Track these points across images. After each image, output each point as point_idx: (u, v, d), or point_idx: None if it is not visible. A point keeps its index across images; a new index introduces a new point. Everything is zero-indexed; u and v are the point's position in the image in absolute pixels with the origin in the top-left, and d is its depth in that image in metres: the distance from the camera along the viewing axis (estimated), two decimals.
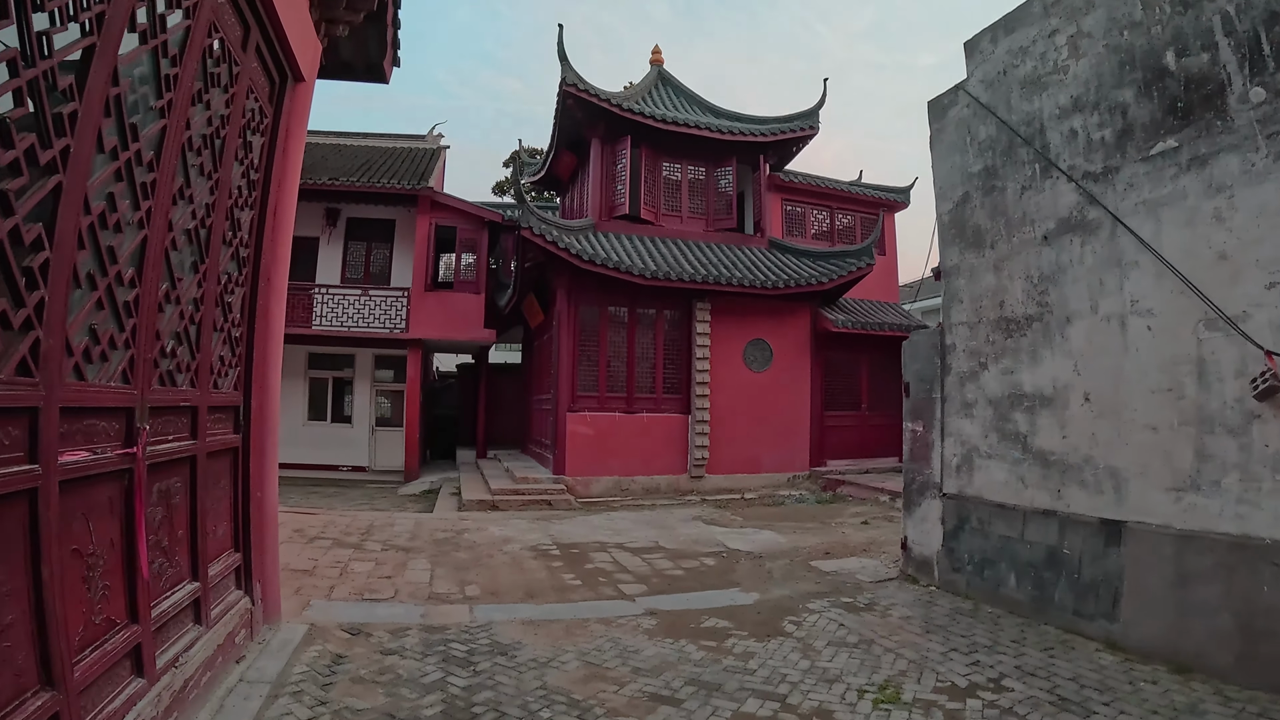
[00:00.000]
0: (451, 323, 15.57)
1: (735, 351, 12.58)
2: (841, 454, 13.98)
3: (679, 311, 12.31)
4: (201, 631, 3.65)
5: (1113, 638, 4.65)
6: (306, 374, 17.57)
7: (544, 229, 10.58)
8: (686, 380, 12.20)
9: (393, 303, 15.98)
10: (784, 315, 13.12)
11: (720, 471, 12.19)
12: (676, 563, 6.79)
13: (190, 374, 3.49)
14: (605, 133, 13.14)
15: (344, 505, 11.69)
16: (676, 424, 12.03)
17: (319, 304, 16.21)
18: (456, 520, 9.04)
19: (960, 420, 6.03)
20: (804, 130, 14.54)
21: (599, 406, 11.60)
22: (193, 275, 3.46)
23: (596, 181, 12.97)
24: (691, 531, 8.53)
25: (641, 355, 12.07)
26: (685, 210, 13.74)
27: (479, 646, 4.29)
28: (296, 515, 9.22)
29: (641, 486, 11.59)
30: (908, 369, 6.57)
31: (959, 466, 6.02)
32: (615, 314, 11.97)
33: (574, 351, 11.56)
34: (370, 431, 17.45)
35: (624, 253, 11.87)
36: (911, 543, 6.46)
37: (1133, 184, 4.89)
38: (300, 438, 17.08)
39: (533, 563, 6.68)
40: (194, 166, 3.30)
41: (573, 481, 11.13)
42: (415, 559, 6.74)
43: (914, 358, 6.50)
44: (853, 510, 10.53)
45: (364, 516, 9.26)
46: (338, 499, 12.57)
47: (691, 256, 12.58)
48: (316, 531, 7.96)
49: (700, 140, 13.60)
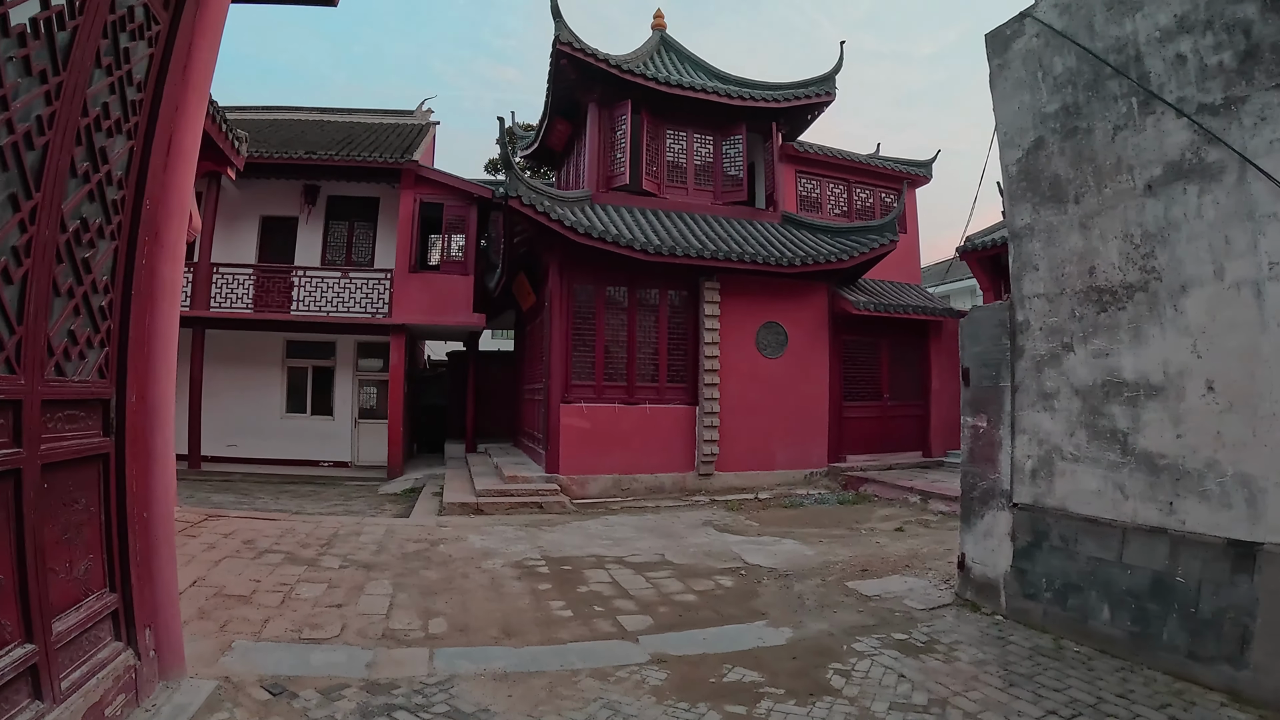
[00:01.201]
0: (438, 307, 14.52)
1: (747, 336, 11.53)
2: (861, 448, 12.97)
3: (685, 291, 11.25)
4: (44, 709, 2.65)
5: (1238, 687, 3.68)
6: (285, 363, 16.60)
7: (534, 198, 9.52)
8: (693, 367, 11.16)
9: (374, 286, 14.93)
10: (799, 296, 12.07)
11: (731, 468, 11.17)
12: (687, 584, 5.78)
13: (4, 354, 2.46)
14: (602, 97, 12.05)
15: (315, 507, 10.71)
16: (682, 416, 11.00)
17: (298, 288, 15.16)
18: (434, 527, 8.04)
19: (1036, 414, 5.00)
20: (819, 96, 13.45)
21: (596, 397, 10.57)
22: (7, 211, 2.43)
23: (593, 150, 11.89)
24: (702, 541, 7.52)
25: (643, 340, 11.02)
26: (691, 182, 12.66)
27: (435, 717, 3.28)
28: (254, 522, 8.23)
29: (644, 485, 10.57)
30: (967, 352, 5.54)
31: (1035, 471, 5.00)
32: (614, 295, 10.92)
33: (568, 336, 10.52)
34: (353, 424, 16.46)
35: (623, 226, 10.81)
36: (971, 561, 5.44)
37: (1265, 117, 3.85)
38: (278, 431, 16.15)
39: (515, 584, 5.67)
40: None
41: (567, 481, 10.12)
42: (376, 580, 5.73)
43: (975, 338, 5.46)
44: (881, 513, 9.53)
45: (330, 522, 8.26)
46: (310, 500, 11.58)
47: (698, 231, 11.51)
48: (270, 543, 6.97)
49: (707, 106, 12.51)
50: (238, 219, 16.33)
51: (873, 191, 15.37)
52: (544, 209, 9.52)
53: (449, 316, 14.56)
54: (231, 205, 16.08)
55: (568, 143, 14.19)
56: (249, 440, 15.74)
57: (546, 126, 13.74)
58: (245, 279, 15.15)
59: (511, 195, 9.29)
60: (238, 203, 16.21)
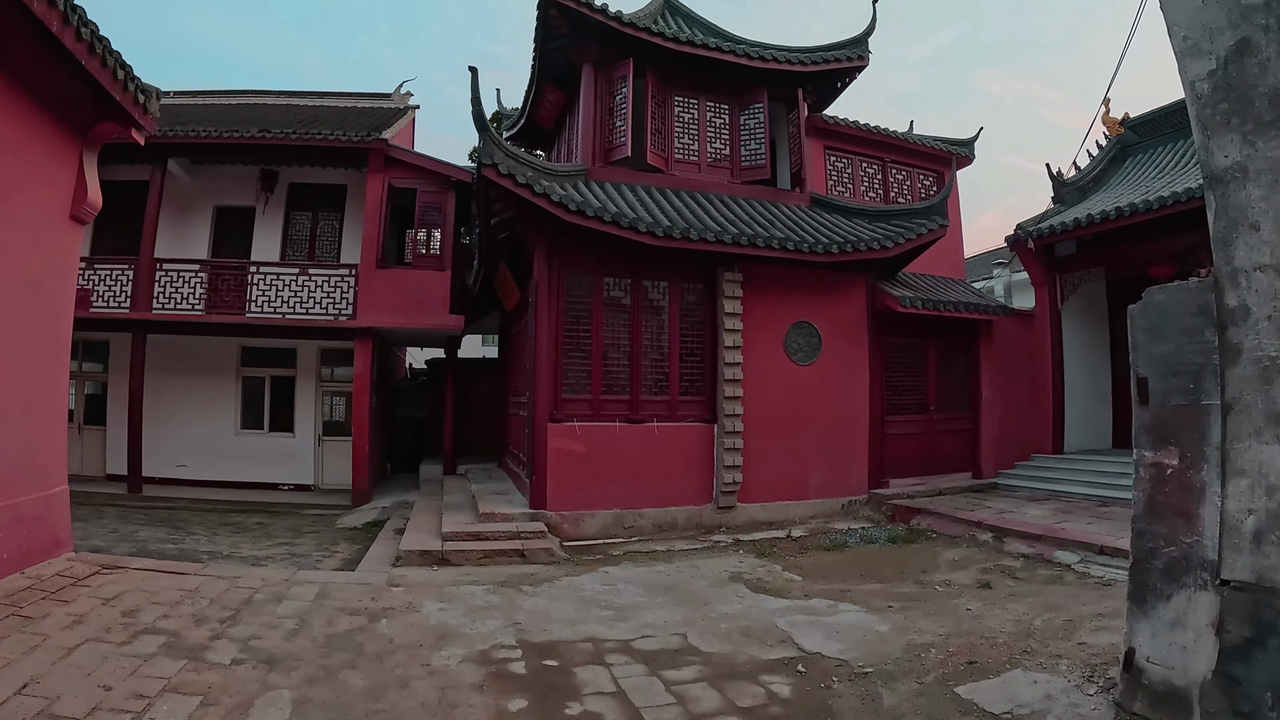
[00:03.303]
0: (410, 307, 12.84)
1: (774, 338, 9.84)
2: (905, 470, 11.30)
3: (700, 285, 9.58)
4: None
5: None
6: (239, 372, 14.98)
7: (514, 167, 7.84)
8: (711, 376, 9.47)
9: (337, 283, 13.26)
10: (835, 291, 10.41)
11: (756, 498, 9.48)
12: (725, 694, 4.08)
13: None
14: (600, 57, 10.41)
15: (251, 548, 9.01)
16: (698, 436, 9.30)
17: (254, 286, 13.49)
18: (382, 588, 6.34)
19: (1263, 447, 3.33)
20: (851, 60, 11.86)
21: (592, 414, 8.86)
22: None
23: (588, 118, 10.23)
24: (735, 608, 5.83)
25: (650, 344, 9.33)
26: (704, 157, 11.01)
27: None
28: (155, 578, 6.55)
29: (651, 522, 8.86)
30: (1144, 354, 3.87)
31: (1260, 533, 3.33)
32: (614, 289, 9.24)
33: (558, 339, 8.82)
34: (316, 442, 14.79)
35: (625, 205, 9.14)
36: (1146, 659, 3.75)
37: None
38: (231, 450, 14.53)
39: (475, 701, 3.97)
40: None
41: (556, 518, 8.40)
42: (275, 690, 4.05)
43: (1157, 335, 3.79)
44: (948, 557, 7.85)
45: (251, 578, 6.56)
46: (251, 537, 9.88)
47: (714, 212, 9.85)
48: (158, 615, 5.30)
49: (722, 69, 10.88)
50: (189, 210, 14.74)
51: (909, 173, 13.73)
52: (527, 180, 7.84)
53: (423, 318, 12.88)
54: (182, 195, 14.50)
55: (559, 117, 12.53)
56: (200, 460, 14.12)
57: (534, 98, 12.07)
58: (193, 277, 13.50)
59: (486, 163, 7.61)
60: (190, 192, 14.62)
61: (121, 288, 13.42)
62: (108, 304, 13.28)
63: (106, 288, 13.42)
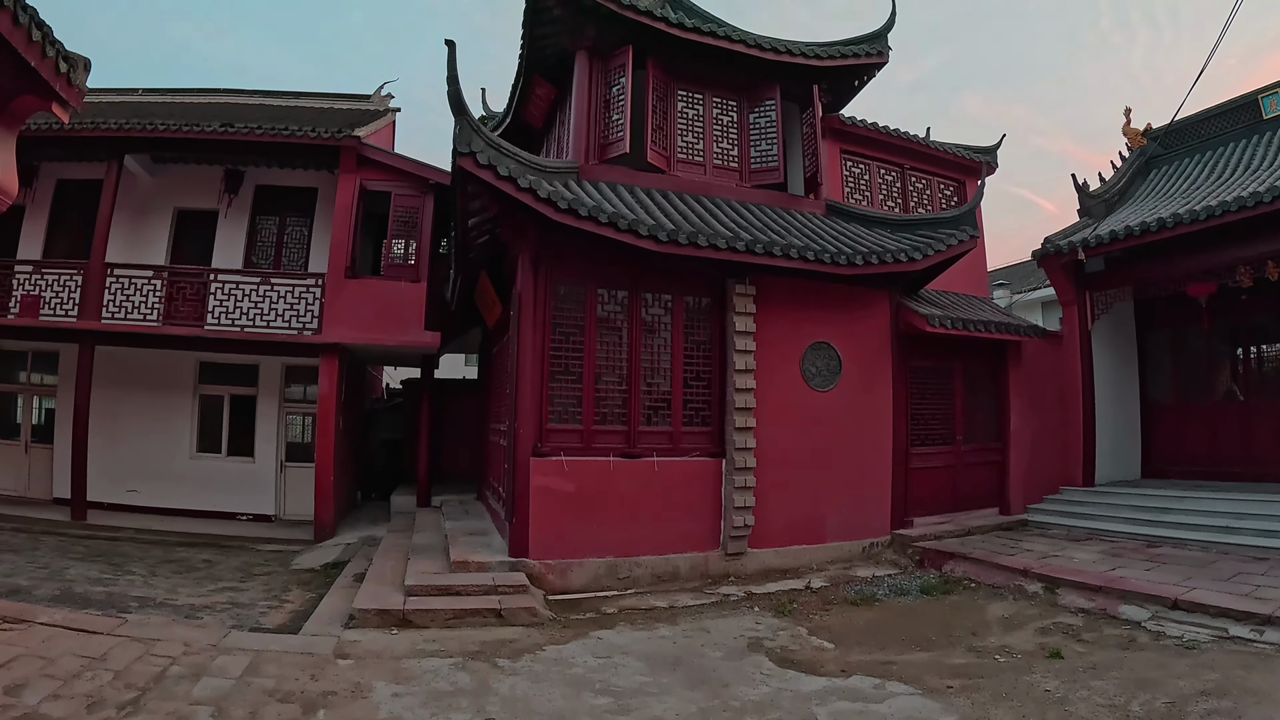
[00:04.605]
0: (381, 321, 11.81)
1: (790, 360, 8.86)
2: (929, 507, 10.34)
3: (707, 299, 8.60)
4: None
5: None
6: (196, 390, 13.89)
7: (494, 157, 6.86)
8: (719, 404, 8.47)
9: (302, 294, 12.23)
10: (856, 308, 9.46)
11: (768, 543, 8.46)
12: None
13: None
14: (596, 43, 9.50)
15: (191, 591, 7.93)
16: (704, 472, 8.28)
17: (214, 296, 12.42)
18: (325, 661, 5.27)
19: None
20: (870, 56, 11.02)
21: (582, 446, 7.82)
22: None
23: (582, 110, 9.30)
24: (760, 692, 4.80)
25: (651, 366, 8.33)
26: (710, 158, 10.08)
27: None
28: (60, 638, 5.61)
29: (650, 571, 7.81)
30: None
31: None
32: (609, 302, 8.25)
33: (543, 359, 7.79)
34: (279, 468, 13.68)
35: (623, 207, 8.18)
36: None
37: None
38: (187, 475, 13.44)
39: None
40: None
41: (539, 568, 7.33)
42: None
43: None
44: (996, 612, 6.86)
45: (171, 644, 5.49)
46: (194, 578, 8.77)
47: (723, 217, 8.90)
48: (45, 694, 4.37)
49: (730, 61, 10.01)
50: (148, 212, 13.77)
51: (929, 181, 12.87)
52: (510, 172, 6.86)
53: (394, 334, 11.84)
54: (141, 195, 13.55)
55: (549, 114, 11.59)
56: (152, 485, 13.05)
57: (521, 92, 11.13)
58: (145, 284, 12.43)
59: (463, 152, 6.63)
60: (149, 193, 13.67)
61: (70, 294, 12.38)
62: (55, 312, 12.23)
63: (54, 294, 12.37)
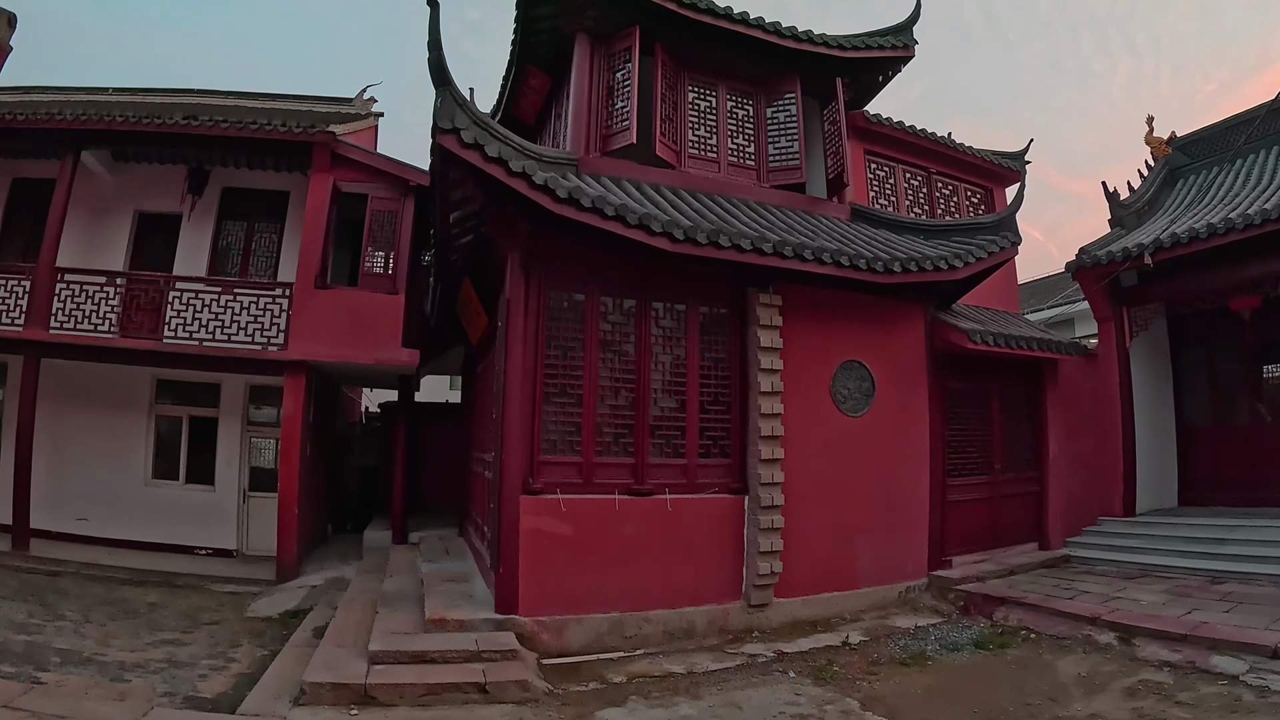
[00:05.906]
0: (353, 336, 10.71)
1: (819, 381, 7.86)
2: (966, 543, 9.36)
3: (724, 309, 7.60)
4: None
5: None
6: (152, 409, 12.75)
7: (484, 137, 5.85)
8: (740, 431, 7.43)
9: (268, 305, 11.14)
10: (888, 323, 8.50)
11: (796, 591, 7.39)
12: None
13: None
14: (598, 24, 8.57)
15: (125, 644, 6.85)
16: (724, 511, 7.21)
17: (172, 306, 11.32)
18: None
19: None
20: (895, 49, 10.19)
21: (582, 482, 6.74)
22: None
23: (582, 96, 8.34)
24: None
25: (661, 385, 7.27)
26: (724, 154, 9.12)
27: None
28: None
29: (661, 628, 6.71)
30: None
31: None
32: (613, 311, 7.21)
33: (535, 378, 6.72)
34: (241, 497, 12.53)
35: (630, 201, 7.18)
36: None
37: None
38: (140, 503, 12.29)
39: None
40: None
41: (531, 627, 6.21)
42: None
43: None
44: (1070, 672, 5.84)
45: None
46: (129, 627, 7.65)
47: (741, 218, 7.93)
48: None
49: (746, 49, 9.11)
50: (106, 214, 12.77)
51: (956, 187, 11.99)
52: (500, 154, 5.85)
53: (368, 350, 10.73)
54: (100, 196, 12.56)
55: (543, 108, 10.61)
56: (103, 513, 11.96)
57: (513, 82, 10.15)
58: (98, 291, 11.35)
59: (445, 128, 5.60)
60: (108, 193, 12.67)
61: (17, 301, 11.31)
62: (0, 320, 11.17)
63: (0, 300, 11.30)
